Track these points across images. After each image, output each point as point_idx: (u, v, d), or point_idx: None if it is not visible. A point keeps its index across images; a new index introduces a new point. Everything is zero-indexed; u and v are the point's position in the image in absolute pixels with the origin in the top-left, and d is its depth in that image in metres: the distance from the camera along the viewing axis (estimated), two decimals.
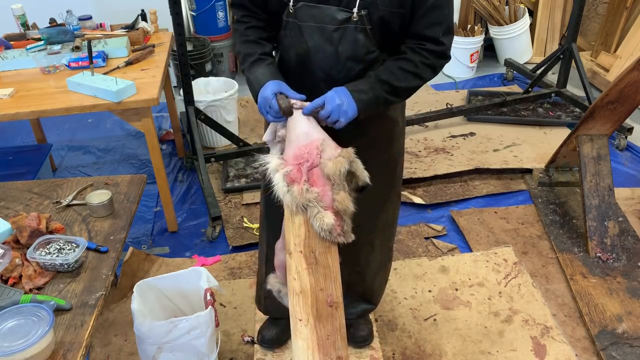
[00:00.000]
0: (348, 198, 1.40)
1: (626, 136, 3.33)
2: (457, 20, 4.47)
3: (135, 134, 3.75)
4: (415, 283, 2.41)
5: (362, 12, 1.42)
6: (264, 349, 2.09)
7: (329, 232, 1.37)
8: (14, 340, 1.36)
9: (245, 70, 1.55)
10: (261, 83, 1.49)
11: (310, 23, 1.46)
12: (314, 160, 1.42)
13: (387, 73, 1.47)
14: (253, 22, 1.57)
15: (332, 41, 1.46)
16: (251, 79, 1.53)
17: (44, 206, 1.98)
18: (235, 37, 1.61)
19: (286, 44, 1.55)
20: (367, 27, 1.44)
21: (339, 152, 1.43)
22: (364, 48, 1.47)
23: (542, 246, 2.61)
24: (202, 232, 2.83)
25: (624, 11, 3.92)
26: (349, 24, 1.43)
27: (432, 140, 3.48)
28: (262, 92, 1.48)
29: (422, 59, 1.47)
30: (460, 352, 2.09)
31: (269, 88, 1.46)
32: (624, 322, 2.15)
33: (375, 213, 1.80)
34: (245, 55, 1.55)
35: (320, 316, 1.34)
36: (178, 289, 1.99)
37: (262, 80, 1.49)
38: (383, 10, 1.41)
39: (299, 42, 1.50)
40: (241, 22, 1.58)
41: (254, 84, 1.52)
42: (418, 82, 1.50)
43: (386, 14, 1.42)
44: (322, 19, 1.45)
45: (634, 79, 2.29)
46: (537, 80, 3.74)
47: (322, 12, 1.45)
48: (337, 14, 1.44)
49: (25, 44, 2.87)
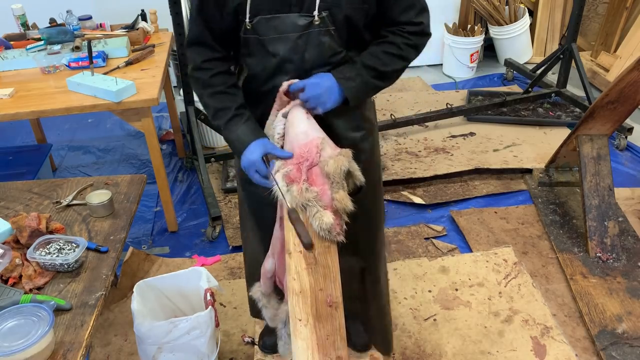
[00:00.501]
0: (347, 197, 1.40)
1: (626, 136, 3.33)
2: (457, 20, 4.47)
3: (135, 134, 3.75)
4: (415, 283, 2.41)
5: (324, 14, 1.37)
6: (265, 353, 2.10)
7: (328, 231, 1.37)
8: (14, 340, 1.36)
9: (222, 128, 1.49)
10: (244, 144, 1.45)
11: (273, 35, 1.41)
12: (313, 159, 1.42)
13: (372, 58, 1.45)
14: (216, 66, 1.49)
15: (298, 49, 1.42)
16: (231, 139, 1.48)
17: (44, 206, 1.98)
18: (198, 88, 1.51)
19: (250, 62, 1.49)
20: (330, 29, 1.40)
21: (338, 151, 1.43)
22: (330, 50, 1.43)
23: (542, 246, 2.61)
24: (202, 232, 2.83)
25: (624, 11, 3.92)
26: (312, 28, 1.39)
27: (432, 140, 3.48)
28: (247, 155, 1.44)
29: (404, 40, 1.45)
30: (460, 352, 2.09)
31: (256, 152, 1.43)
32: (624, 322, 2.15)
33: (374, 232, 1.78)
34: (218, 110, 1.48)
35: (319, 316, 1.34)
36: (178, 289, 1.99)
37: (245, 141, 1.45)
38: (347, 8, 1.38)
39: (264, 57, 1.45)
40: (203, 70, 1.48)
41: (235, 144, 1.47)
42: (403, 64, 1.48)
43: (350, 12, 1.39)
44: (284, 28, 1.40)
45: (634, 79, 2.29)
46: (537, 80, 3.74)
47: (283, 21, 1.39)
48: (298, 20, 1.39)
49: (25, 44, 2.87)
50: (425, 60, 4.63)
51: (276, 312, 1.62)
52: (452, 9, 4.45)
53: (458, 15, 4.48)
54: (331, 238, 1.39)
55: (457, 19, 4.48)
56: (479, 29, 4.34)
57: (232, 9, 1.41)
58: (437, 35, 4.41)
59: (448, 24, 4.42)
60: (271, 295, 1.63)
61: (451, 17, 4.45)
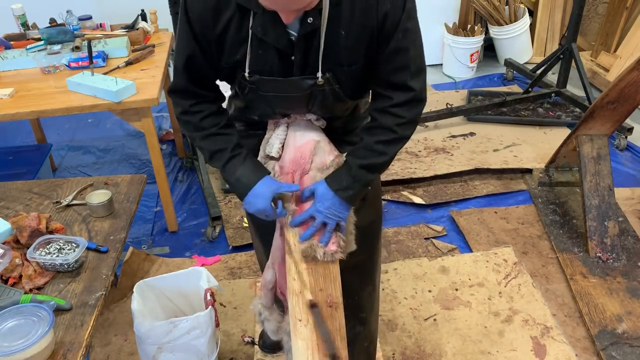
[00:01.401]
0: None
1: (626, 136, 3.32)
2: (457, 20, 4.47)
3: (135, 134, 3.75)
4: (415, 283, 2.41)
5: (327, 75, 1.31)
6: (265, 353, 2.10)
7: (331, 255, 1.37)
8: (14, 340, 1.36)
9: (221, 170, 1.43)
10: (247, 187, 1.38)
11: (274, 93, 1.35)
12: (304, 166, 1.42)
13: (367, 154, 1.37)
14: (205, 109, 1.41)
15: (300, 103, 1.38)
16: (232, 181, 1.41)
17: (44, 206, 1.98)
18: (189, 131, 1.44)
19: (246, 101, 1.44)
20: (335, 87, 1.34)
21: (332, 158, 1.42)
22: (335, 101, 1.38)
23: (542, 246, 2.61)
24: (202, 232, 2.83)
25: (624, 11, 3.92)
26: (316, 88, 1.33)
27: (432, 140, 3.48)
28: (253, 202, 1.38)
29: (396, 119, 1.34)
30: (460, 352, 2.09)
31: (263, 197, 1.36)
32: (624, 322, 2.15)
33: (374, 247, 1.73)
34: (214, 153, 1.42)
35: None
36: (178, 289, 1.99)
37: (247, 184, 1.38)
38: (348, 69, 1.32)
39: (262, 106, 1.41)
40: (192, 113, 1.40)
41: (237, 187, 1.41)
42: (402, 144, 1.39)
43: (351, 70, 1.33)
44: (286, 89, 1.34)
45: (634, 79, 2.29)
46: (537, 80, 3.73)
47: (285, 83, 1.33)
48: (302, 83, 1.32)
49: (25, 44, 2.87)
50: (425, 61, 4.62)
51: (279, 324, 1.59)
52: (452, 9, 4.44)
53: (458, 15, 4.47)
54: (332, 259, 1.38)
55: (457, 19, 4.47)
56: (479, 29, 4.34)
57: (229, 66, 1.35)
58: (437, 35, 4.43)
59: (448, 24, 4.42)
60: (273, 308, 1.60)
61: (451, 17, 4.45)
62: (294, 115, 1.46)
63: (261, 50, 1.30)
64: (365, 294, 1.75)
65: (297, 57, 1.30)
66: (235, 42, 1.30)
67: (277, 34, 1.26)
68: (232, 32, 1.29)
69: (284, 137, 1.46)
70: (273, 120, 1.49)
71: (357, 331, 1.76)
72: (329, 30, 1.26)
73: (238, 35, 1.29)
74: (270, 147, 1.46)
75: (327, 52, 1.29)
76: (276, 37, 1.27)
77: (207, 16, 1.27)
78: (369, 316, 1.80)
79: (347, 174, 1.38)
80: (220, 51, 1.33)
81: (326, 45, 1.28)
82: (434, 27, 4.36)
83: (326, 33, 1.26)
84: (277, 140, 1.46)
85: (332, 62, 1.31)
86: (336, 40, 1.28)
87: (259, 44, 1.29)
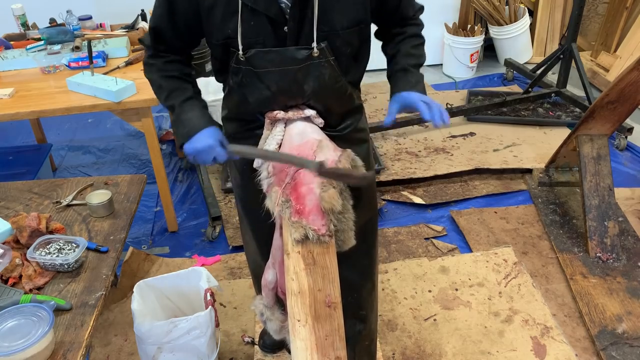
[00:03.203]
0: (336, 196, 1.37)
1: (626, 136, 3.32)
2: (457, 20, 4.47)
3: (135, 134, 3.75)
4: (415, 283, 2.41)
5: (322, 45, 1.32)
6: (265, 352, 2.10)
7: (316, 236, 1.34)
8: (14, 340, 1.36)
9: (175, 106, 1.42)
10: (199, 126, 1.39)
11: (270, 68, 1.34)
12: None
13: (410, 57, 1.48)
14: (173, 56, 1.44)
15: (297, 81, 1.36)
16: (182, 118, 1.40)
17: (44, 206, 1.98)
18: (151, 71, 1.45)
19: (242, 91, 1.43)
20: (330, 59, 1.35)
21: (339, 153, 1.42)
22: (330, 80, 1.39)
23: (542, 246, 2.61)
24: (202, 232, 2.83)
25: (624, 11, 3.92)
26: (312, 60, 1.33)
27: (432, 140, 3.48)
28: (202, 138, 1.37)
29: (417, 28, 1.51)
30: (460, 352, 2.09)
31: (212, 136, 1.37)
32: (624, 322, 2.15)
33: (372, 244, 1.73)
34: (173, 90, 1.42)
35: (318, 317, 1.33)
36: (178, 289, 1.99)
37: (200, 123, 1.39)
38: (344, 33, 1.33)
39: (258, 88, 1.38)
40: (160, 57, 1.43)
41: (186, 124, 1.40)
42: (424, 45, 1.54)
43: (347, 36, 1.34)
44: (281, 62, 1.33)
45: (634, 79, 2.29)
46: (537, 80, 3.73)
47: (280, 54, 1.32)
48: (297, 53, 1.32)
49: (25, 44, 2.87)
50: (425, 60, 4.63)
51: (282, 324, 1.59)
52: (452, 9, 4.44)
53: (458, 15, 4.48)
54: (321, 241, 1.37)
55: (457, 19, 4.47)
56: (479, 29, 4.34)
57: (220, 43, 1.35)
58: (437, 35, 4.44)
59: (448, 24, 4.42)
60: (274, 307, 1.60)
61: (451, 17, 4.45)
62: (292, 112, 1.45)
63: (253, 21, 1.29)
64: (365, 292, 1.75)
65: (290, 26, 1.30)
66: (226, 14, 1.30)
67: (268, 2, 1.27)
68: (220, 4, 1.29)
69: (281, 137, 1.46)
70: (270, 118, 1.48)
71: (358, 329, 1.77)
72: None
73: (227, 8, 1.29)
74: (267, 146, 1.46)
75: (321, 18, 1.29)
76: (266, 6, 1.27)
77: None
78: (369, 314, 1.80)
79: (406, 74, 1.46)
80: (210, 27, 1.33)
81: (320, 12, 1.28)
82: (434, 27, 4.36)
83: (319, 0, 1.27)
84: (274, 140, 1.46)
85: (327, 29, 1.31)
86: (330, 6, 1.29)
87: (250, 15, 1.29)
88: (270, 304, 1.58)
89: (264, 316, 1.60)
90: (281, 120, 1.47)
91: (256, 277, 1.87)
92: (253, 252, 1.80)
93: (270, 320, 1.59)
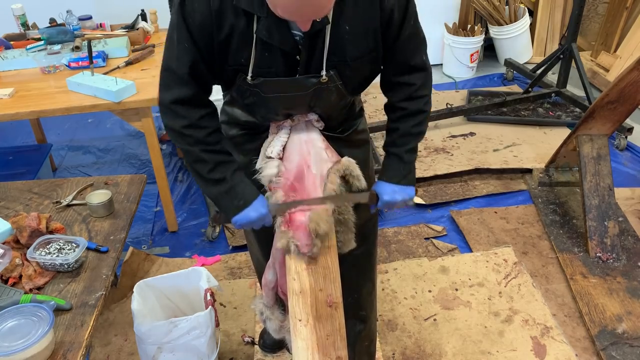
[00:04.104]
0: (324, 215, 1.37)
1: (626, 136, 3.32)
2: (457, 20, 4.47)
3: (135, 134, 3.75)
4: (415, 283, 2.41)
5: (331, 72, 1.32)
6: (265, 352, 2.10)
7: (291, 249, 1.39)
8: (14, 340, 1.36)
9: (226, 178, 1.38)
10: (252, 196, 1.39)
11: (278, 94, 1.34)
12: (304, 170, 1.42)
13: (409, 140, 1.48)
14: (211, 124, 1.38)
15: (304, 103, 1.38)
16: (237, 191, 1.39)
17: (44, 206, 1.98)
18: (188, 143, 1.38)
19: (247, 108, 1.44)
20: (338, 84, 1.35)
21: (329, 165, 1.43)
22: (337, 100, 1.40)
23: (542, 246, 2.61)
24: (202, 232, 2.83)
25: (624, 11, 3.92)
26: (320, 85, 1.33)
27: (432, 140, 3.48)
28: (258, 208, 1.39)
29: (422, 101, 1.46)
30: (460, 352, 2.09)
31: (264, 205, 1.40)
32: (624, 322, 2.15)
33: (372, 244, 1.74)
34: (219, 164, 1.38)
35: (319, 316, 1.34)
36: (178, 289, 1.99)
37: (253, 193, 1.40)
38: (353, 62, 1.33)
39: (265, 107, 1.39)
40: (200, 128, 1.36)
41: (240, 197, 1.39)
42: (429, 116, 1.52)
43: (357, 65, 1.34)
44: (290, 89, 1.33)
45: (634, 79, 2.29)
46: (537, 80, 3.73)
47: (289, 83, 1.32)
48: (306, 82, 1.32)
49: (25, 44, 2.87)
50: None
51: (282, 323, 1.60)
52: (452, 9, 4.44)
53: (458, 15, 4.47)
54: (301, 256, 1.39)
55: (457, 19, 4.47)
56: (479, 29, 4.34)
57: (232, 69, 1.33)
58: (437, 35, 4.43)
59: (448, 24, 4.42)
60: (274, 307, 1.61)
61: (451, 17, 4.45)
62: (296, 117, 1.46)
63: (267, 52, 1.29)
64: (365, 292, 1.75)
65: (302, 56, 1.30)
66: (240, 46, 1.29)
67: (283, 36, 1.26)
68: (236, 37, 1.28)
69: (285, 140, 1.46)
70: (275, 123, 1.48)
71: (358, 330, 1.77)
72: (333, 26, 1.27)
73: (242, 40, 1.28)
74: (271, 148, 1.46)
75: (332, 49, 1.29)
76: (282, 40, 1.27)
77: (210, 23, 1.26)
78: (369, 314, 1.80)
79: (399, 163, 1.49)
80: (224, 55, 1.31)
81: (331, 42, 1.28)
82: (434, 27, 4.36)
83: (331, 30, 1.27)
84: (278, 142, 1.46)
85: (337, 59, 1.31)
86: (341, 36, 1.29)
87: (264, 47, 1.29)
88: (270, 304, 1.59)
89: (263, 315, 1.61)
90: (287, 126, 1.47)
91: (260, 276, 1.88)
92: (256, 251, 1.81)
93: (270, 319, 1.60)
